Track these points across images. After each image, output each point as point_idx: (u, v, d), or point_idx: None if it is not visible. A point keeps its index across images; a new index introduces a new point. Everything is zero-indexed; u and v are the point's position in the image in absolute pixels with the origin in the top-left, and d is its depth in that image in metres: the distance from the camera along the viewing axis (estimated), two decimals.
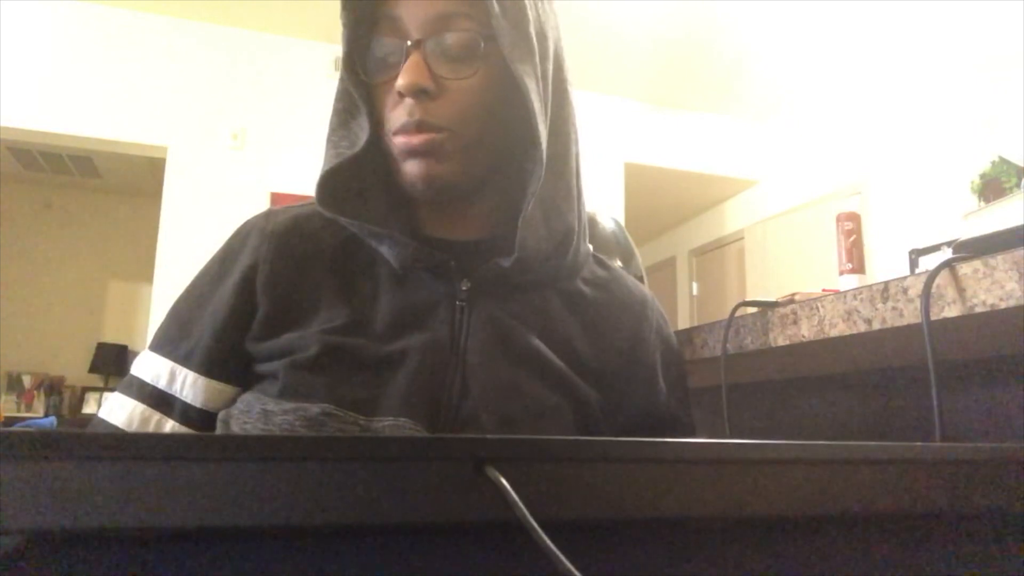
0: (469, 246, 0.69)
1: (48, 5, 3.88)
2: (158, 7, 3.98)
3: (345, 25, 0.63)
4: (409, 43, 0.62)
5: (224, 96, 4.09)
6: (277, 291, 0.65)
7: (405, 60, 0.61)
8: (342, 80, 0.66)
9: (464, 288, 0.65)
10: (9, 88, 3.74)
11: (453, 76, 0.62)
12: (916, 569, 0.37)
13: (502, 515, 0.29)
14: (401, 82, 0.61)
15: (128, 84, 3.94)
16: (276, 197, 3.90)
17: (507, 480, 0.29)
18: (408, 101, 0.61)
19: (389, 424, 0.59)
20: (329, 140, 0.67)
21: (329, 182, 0.65)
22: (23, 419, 4.80)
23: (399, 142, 0.63)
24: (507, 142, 0.67)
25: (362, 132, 0.64)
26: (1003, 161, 3.58)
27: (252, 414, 0.60)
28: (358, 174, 0.65)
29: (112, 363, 5.25)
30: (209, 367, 0.64)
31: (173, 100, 4.00)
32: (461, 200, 0.68)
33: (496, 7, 0.62)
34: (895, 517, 0.37)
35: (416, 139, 0.62)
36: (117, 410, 0.65)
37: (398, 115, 0.62)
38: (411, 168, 0.63)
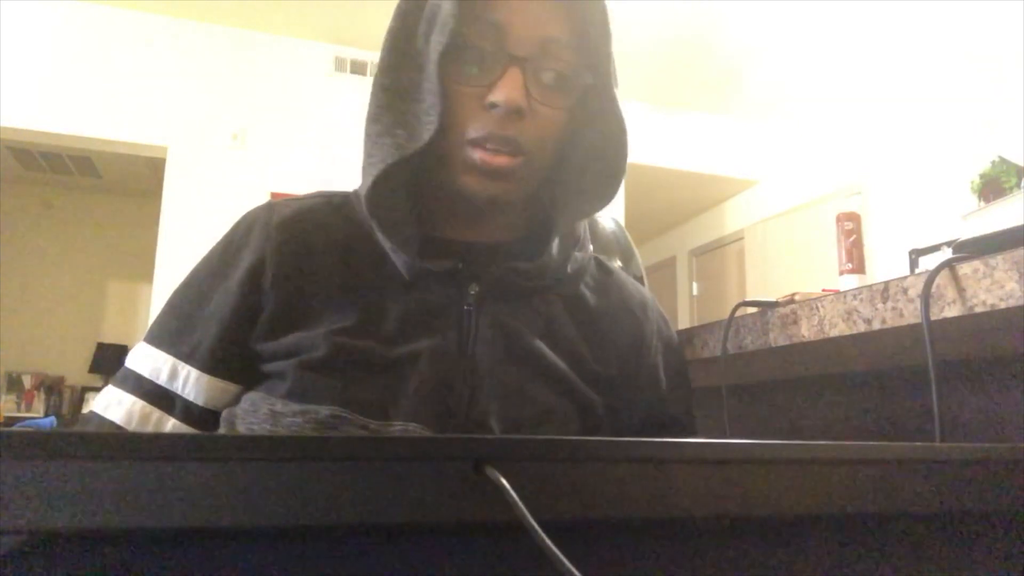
0: (479, 248, 0.68)
1: (48, 5, 3.88)
2: (158, 7, 3.98)
3: (452, 17, 0.59)
4: (511, 57, 0.60)
5: (224, 96, 4.09)
6: (285, 288, 0.63)
7: (502, 73, 0.60)
8: (392, 51, 0.63)
9: (472, 292, 0.65)
10: (9, 88, 3.74)
11: (545, 103, 0.62)
12: (916, 569, 0.37)
13: (502, 515, 0.29)
14: (501, 96, 0.59)
15: (128, 84, 3.94)
16: (276, 197, 3.89)
17: (507, 480, 0.29)
18: (499, 114, 0.60)
19: (399, 429, 0.58)
20: (377, 122, 0.63)
21: (383, 176, 0.61)
22: (23, 419, 4.80)
23: (478, 155, 0.61)
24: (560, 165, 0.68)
25: (420, 125, 0.61)
26: (1003, 161, 3.58)
27: (259, 414, 0.59)
28: (396, 167, 0.62)
29: (112, 363, 5.24)
30: (213, 365, 0.63)
31: (173, 100, 4.00)
32: (489, 211, 0.68)
33: (611, 50, 0.63)
34: (895, 517, 0.37)
35: (498, 160, 0.61)
36: (114, 406, 0.63)
37: (483, 125, 0.61)
38: (476, 184, 0.62)
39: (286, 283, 0.63)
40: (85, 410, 5.26)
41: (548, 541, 0.28)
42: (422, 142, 0.60)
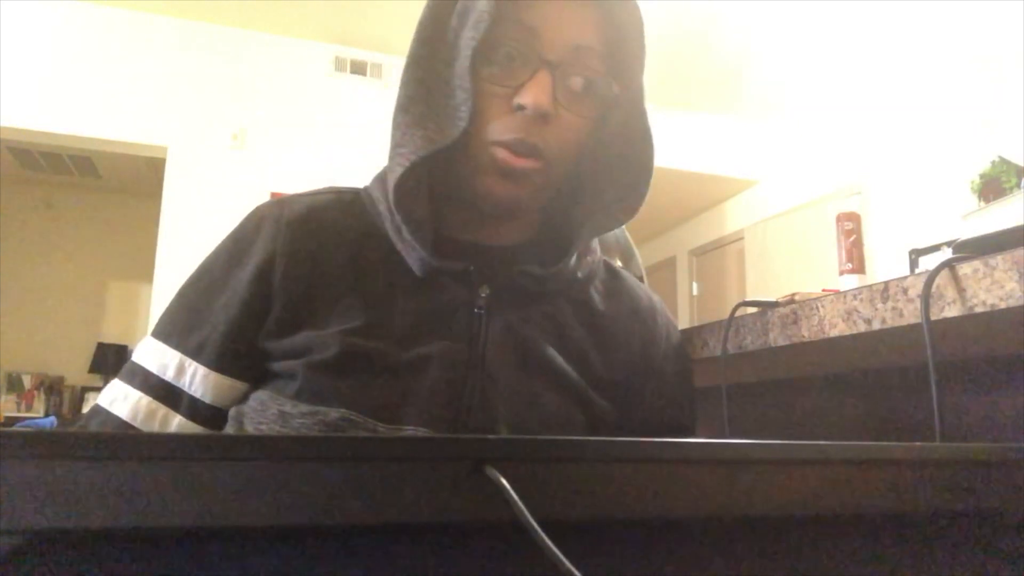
0: (491, 251, 0.68)
1: (48, 5, 3.88)
2: (158, 7, 3.98)
3: (488, 14, 0.59)
4: (543, 60, 0.60)
5: (224, 96, 4.09)
6: (295, 286, 0.62)
7: (531, 76, 0.60)
8: (422, 43, 0.63)
9: (483, 295, 0.64)
10: (9, 88, 3.73)
11: (571, 110, 0.62)
12: (916, 569, 0.37)
13: (502, 515, 0.29)
14: (529, 99, 0.59)
15: (128, 84, 3.94)
16: (282, 195, 3.89)
17: (507, 480, 0.29)
18: (526, 118, 0.59)
19: (408, 434, 0.58)
20: (406, 112, 0.62)
21: (413, 168, 0.60)
22: (23, 419, 4.80)
23: (500, 155, 0.60)
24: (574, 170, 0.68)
25: (450, 121, 0.61)
26: (1003, 161, 3.58)
27: (268, 414, 0.59)
28: (423, 163, 0.61)
29: (112, 363, 5.25)
30: (221, 362, 0.62)
31: (173, 100, 4.00)
32: (505, 215, 0.67)
33: (643, 63, 0.63)
34: (895, 517, 0.37)
35: (520, 162, 0.60)
36: (120, 401, 0.62)
37: (509, 127, 0.60)
38: (495, 185, 0.62)
39: (296, 281, 0.63)
40: (85, 410, 5.28)
41: (548, 541, 0.28)
42: (452, 138, 0.60)
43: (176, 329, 0.64)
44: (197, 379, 0.62)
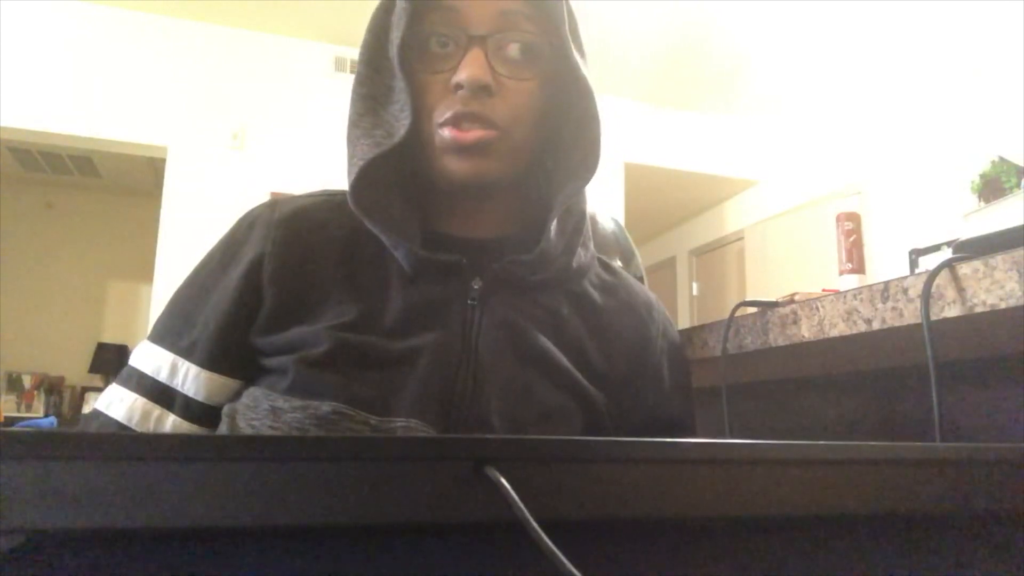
0: (481, 244, 0.68)
1: (48, 5, 3.88)
2: (158, 7, 3.98)
3: (406, 11, 0.61)
4: (471, 37, 0.61)
5: (224, 96, 4.09)
6: (284, 283, 0.63)
7: (464, 54, 0.61)
8: (366, 63, 0.65)
9: (476, 287, 0.65)
10: (9, 88, 3.73)
11: (512, 77, 0.63)
12: (916, 569, 0.37)
13: (502, 515, 0.29)
14: (464, 75, 0.60)
15: (128, 84, 3.94)
16: (276, 197, 3.89)
17: (507, 480, 0.29)
18: (464, 94, 0.61)
19: (401, 426, 0.58)
20: (357, 126, 0.64)
21: (364, 175, 0.62)
22: (23, 419, 4.80)
23: (448, 135, 0.61)
24: (543, 144, 0.68)
25: (397, 122, 0.62)
26: (1003, 161, 3.58)
27: (260, 410, 0.59)
28: (384, 166, 0.63)
29: (112, 363, 5.24)
30: (212, 360, 0.63)
31: (173, 100, 4.00)
32: (483, 198, 0.68)
33: (565, 15, 0.63)
34: (895, 517, 0.37)
35: (468, 136, 0.61)
36: (116, 403, 0.64)
37: (450, 106, 0.61)
38: (455, 164, 0.62)
39: (285, 278, 0.63)
40: (85, 410, 5.28)
41: (548, 541, 0.28)
42: (399, 137, 0.61)
43: (169, 331, 0.66)
44: (190, 378, 0.63)
